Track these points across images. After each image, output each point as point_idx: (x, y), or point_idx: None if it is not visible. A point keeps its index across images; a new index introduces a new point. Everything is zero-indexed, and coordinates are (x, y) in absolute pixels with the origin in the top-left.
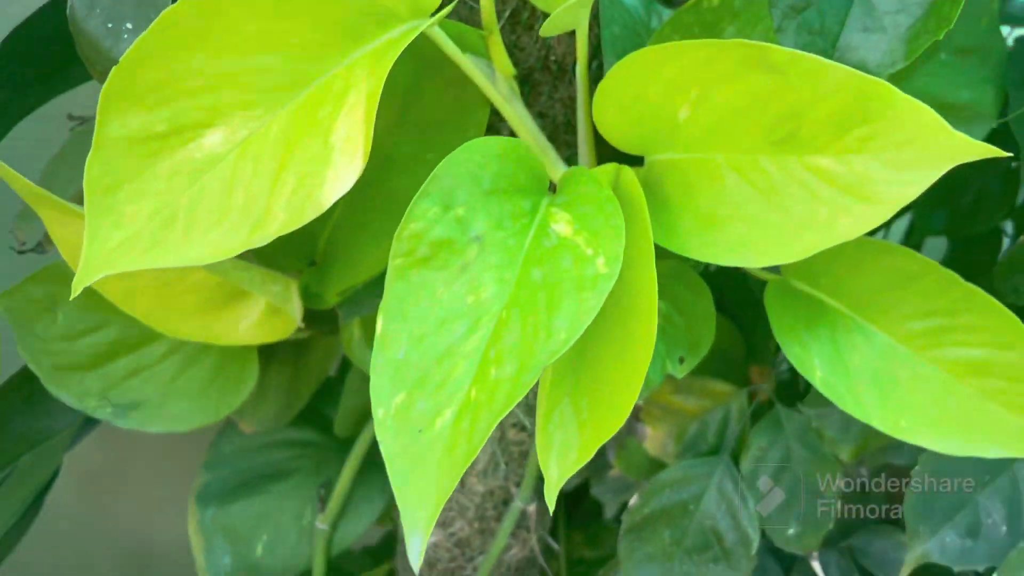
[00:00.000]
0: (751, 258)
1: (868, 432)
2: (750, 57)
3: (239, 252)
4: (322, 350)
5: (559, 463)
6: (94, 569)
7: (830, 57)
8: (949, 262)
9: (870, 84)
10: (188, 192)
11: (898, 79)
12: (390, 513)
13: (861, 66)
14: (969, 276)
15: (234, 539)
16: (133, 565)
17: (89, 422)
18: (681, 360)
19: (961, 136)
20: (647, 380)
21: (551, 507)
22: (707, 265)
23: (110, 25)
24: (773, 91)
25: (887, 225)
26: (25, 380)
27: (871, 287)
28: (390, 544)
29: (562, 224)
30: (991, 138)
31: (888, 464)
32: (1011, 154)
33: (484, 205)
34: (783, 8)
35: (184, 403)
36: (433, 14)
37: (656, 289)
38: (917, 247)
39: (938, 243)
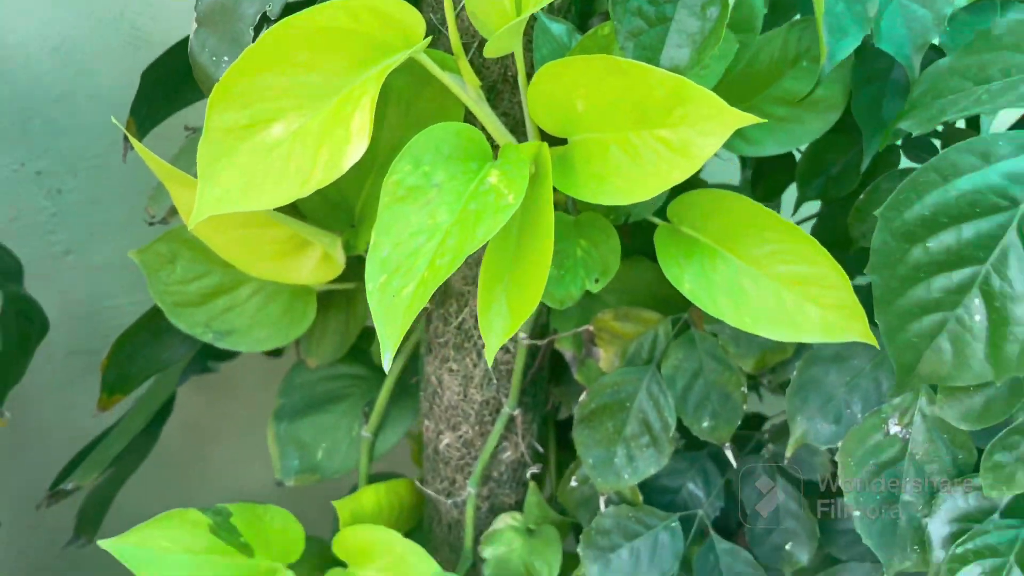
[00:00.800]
0: (621, 199)
1: (765, 350)
2: (609, 66)
3: (293, 200)
4: (364, 301)
5: (496, 336)
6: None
7: (657, 64)
8: (825, 219)
9: (679, 80)
10: (262, 164)
11: (770, 80)
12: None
13: (676, 69)
14: (838, 229)
15: (301, 447)
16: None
17: (192, 365)
18: (596, 280)
19: (735, 110)
20: (570, 293)
21: (490, 362)
22: (626, 220)
23: (214, 58)
24: (626, 88)
25: (779, 193)
26: (150, 320)
27: (727, 226)
28: None
29: (493, 177)
30: (841, 121)
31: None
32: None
33: (444, 165)
34: (624, 34)
35: (264, 330)
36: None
37: (552, 219)
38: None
39: None
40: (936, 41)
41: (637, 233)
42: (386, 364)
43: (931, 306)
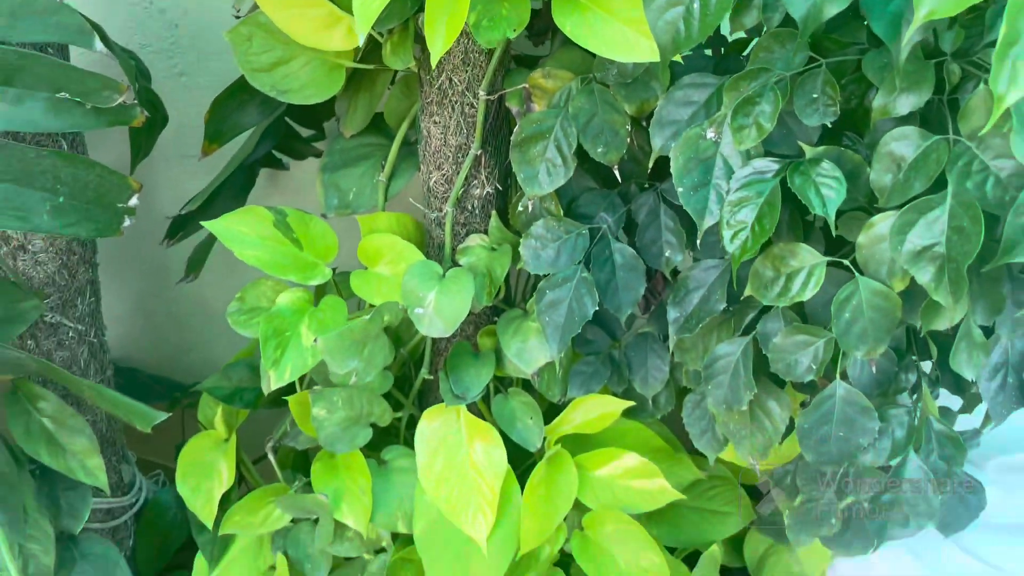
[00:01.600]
0: None
1: (644, 98)
2: None
3: None
4: (381, 83)
5: (437, 48)
6: None
7: None
8: None
9: None
10: None
11: None
12: None
13: None
14: None
15: (338, 190)
16: None
17: (268, 139)
18: (514, 30)
19: None
20: (496, 36)
21: (434, 63)
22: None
23: None
24: None
25: None
26: (237, 89)
27: None
28: None
29: None
30: None
31: None
32: None
33: None
34: None
35: (310, 90)
36: None
37: None
38: None
39: None
40: None
41: None
42: (360, 39)
43: (675, 2)
